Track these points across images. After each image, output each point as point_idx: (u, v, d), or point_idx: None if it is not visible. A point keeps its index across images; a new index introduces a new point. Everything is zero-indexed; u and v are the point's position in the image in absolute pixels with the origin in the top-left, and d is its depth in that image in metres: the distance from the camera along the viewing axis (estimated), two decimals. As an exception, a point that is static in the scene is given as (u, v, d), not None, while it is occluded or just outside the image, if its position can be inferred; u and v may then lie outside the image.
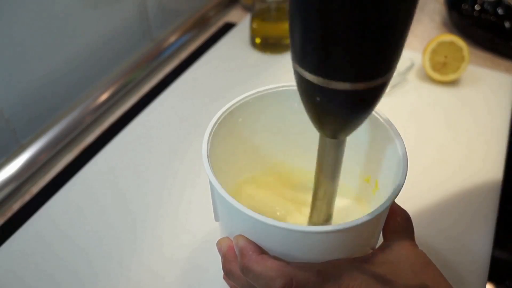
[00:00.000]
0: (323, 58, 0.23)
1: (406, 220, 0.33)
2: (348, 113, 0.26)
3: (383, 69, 0.24)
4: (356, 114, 0.27)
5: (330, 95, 0.25)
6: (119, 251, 0.45)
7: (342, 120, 0.27)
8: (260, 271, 0.29)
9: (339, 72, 0.23)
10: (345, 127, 0.28)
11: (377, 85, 0.24)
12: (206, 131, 0.34)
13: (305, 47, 0.24)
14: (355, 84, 0.24)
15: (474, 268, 0.44)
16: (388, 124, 0.34)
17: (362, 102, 0.26)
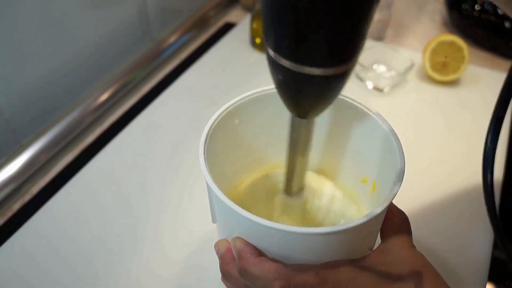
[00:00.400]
0: (297, 46, 0.25)
1: (404, 221, 0.33)
2: (318, 96, 0.28)
3: (349, 56, 0.26)
4: (325, 97, 0.29)
5: (302, 80, 0.26)
6: (119, 251, 0.45)
7: (313, 102, 0.29)
8: (258, 274, 0.29)
9: (311, 58, 0.25)
10: (315, 108, 0.30)
11: (344, 70, 0.26)
12: (203, 133, 0.34)
13: (281, 35, 0.25)
14: (325, 70, 0.26)
15: (474, 268, 0.44)
16: (385, 124, 0.34)
17: (330, 86, 0.27)
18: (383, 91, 0.65)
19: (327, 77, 0.26)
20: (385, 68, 0.69)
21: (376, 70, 0.68)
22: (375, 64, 0.69)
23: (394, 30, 0.81)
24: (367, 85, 0.66)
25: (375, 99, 0.64)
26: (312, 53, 0.25)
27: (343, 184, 0.42)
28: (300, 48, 0.25)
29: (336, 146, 0.40)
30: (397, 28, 0.82)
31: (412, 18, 0.84)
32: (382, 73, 0.67)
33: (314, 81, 0.26)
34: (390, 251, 0.31)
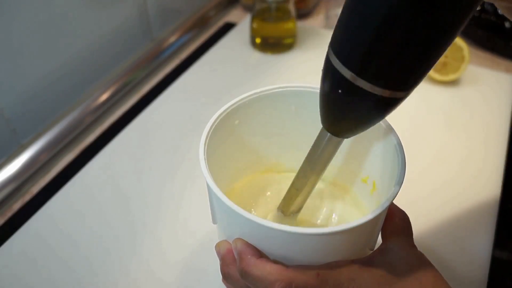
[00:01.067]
0: (363, 57, 0.24)
1: (404, 221, 0.33)
2: (364, 115, 0.27)
3: (409, 83, 0.25)
4: (370, 118, 0.28)
5: (356, 93, 0.25)
6: (119, 251, 0.45)
7: (360, 122, 0.28)
8: (259, 275, 0.29)
9: (371, 74, 0.24)
10: (357, 129, 0.29)
11: (399, 97, 0.26)
12: (203, 133, 0.34)
13: (350, 42, 0.24)
14: (383, 90, 0.25)
15: (474, 268, 0.44)
16: (386, 124, 0.34)
17: (380, 108, 0.26)
18: (383, 91, 0.65)
19: (387, 99, 0.25)
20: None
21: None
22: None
23: (394, 30, 0.81)
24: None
25: (375, 99, 0.64)
26: (391, 75, 0.24)
27: (344, 184, 0.42)
28: (382, 70, 0.24)
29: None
30: (397, 28, 0.82)
31: (412, 18, 0.84)
32: (382, 73, 0.67)
33: (374, 101, 0.25)
34: (391, 251, 0.31)
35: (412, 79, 0.25)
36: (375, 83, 0.24)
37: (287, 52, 0.73)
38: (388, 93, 0.25)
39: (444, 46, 0.24)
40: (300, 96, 0.38)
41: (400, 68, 0.24)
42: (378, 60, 0.24)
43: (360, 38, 0.24)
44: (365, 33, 0.23)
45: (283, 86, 0.37)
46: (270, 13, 0.70)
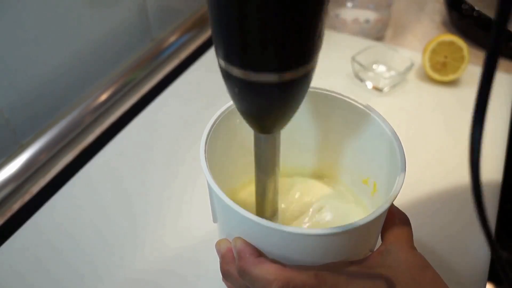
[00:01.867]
0: (245, 50, 0.23)
1: (404, 222, 0.33)
2: (277, 107, 0.26)
3: (297, 60, 0.24)
4: (285, 107, 0.26)
5: (257, 89, 0.24)
6: (119, 251, 0.45)
7: (273, 114, 0.27)
8: (257, 274, 0.29)
9: (262, 63, 0.23)
10: (276, 121, 0.28)
11: (296, 76, 0.24)
12: (204, 133, 0.34)
13: (229, 40, 0.23)
14: (279, 75, 0.23)
15: (474, 268, 0.44)
16: (387, 126, 0.34)
17: (288, 94, 0.25)
18: (383, 91, 0.65)
19: (282, 84, 0.24)
20: (384, 68, 0.69)
21: (376, 70, 0.68)
22: (374, 64, 0.69)
23: (394, 30, 0.81)
24: (366, 85, 0.66)
25: (374, 99, 0.64)
26: (263, 57, 0.23)
27: (345, 184, 0.42)
28: (249, 53, 0.23)
29: (337, 147, 0.40)
30: (397, 28, 0.82)
31: (412, 18, 0.84)
32: (381, 73, 0.67)
33: (269, 89, 0.24)
34: (390, 253, 0.31)
35: (287, 58, 0.23)
36: (253, 69, 0.23)
37: (287, 52, 0.73)
38: (272, 78, 0.24)
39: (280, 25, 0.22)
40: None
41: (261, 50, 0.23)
42: (243, 48, 0.23)
43: (225, 31, 0.24)
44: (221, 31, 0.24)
45: None
46: (270, 13, 0.70)
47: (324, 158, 0.42)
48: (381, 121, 0.35)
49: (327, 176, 0.43)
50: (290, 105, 0.26)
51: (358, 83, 0.67)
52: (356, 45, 0.71)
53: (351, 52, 0.67)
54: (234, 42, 0.23)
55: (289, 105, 0.26)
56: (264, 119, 0.27)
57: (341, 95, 0.37)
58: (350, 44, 0.73)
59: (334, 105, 0.37)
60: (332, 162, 0.42)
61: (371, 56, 0.68)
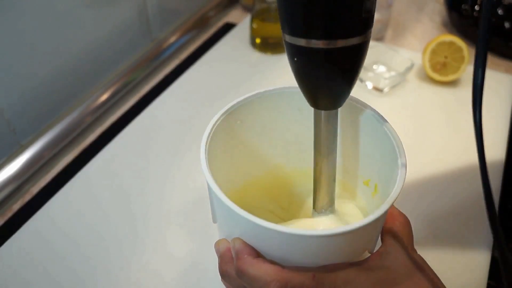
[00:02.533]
0: (300, 19, 0.26)
1: (405, 224, 0.33)
2: (334, 75, 0.28)
3: (353, 29, 0.27)
4: (336, 76, 0.28)
5: (316, 56, 0.27)
6: (119, 251, 0.45)
7: (331, 85, 0.29)
8: (255, 275, 0.29)
9: (314, 30, 0.26)
10: (334, 93, 0.30)
11: (350, 45, 0.27)
12: (205, 133, 0.34)
13: (286, 12, 0.27)
14: (328, 42, 0.26)
15: (474, 268, 0.44)
16: (388, 127, 0.34)
17: (338, 62, 0.28)
18: (383, 92, 0.65)
19: (334, 51, 0.27)
20: (385, 68, 0.69)
21: (376, 70, 0.68)
22: (375, 64, 0.69)
23: (394, 30, 0.81)
24: (366, 85, 0.66)
25: (374, 99, 0.64)
26: (325, 25, 0.26)
27: (345, 185, 0.41)
28: (311, 21, 0.26)
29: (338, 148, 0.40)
30: (397, 28, 0.82)
31: (412, 18, 0.84)
32: (382, 73, 0.67)
33: (327, 56, 0.27)
34: (389, 254, 0.31)
35: (343, 26, 0.26)
36: (314, 37, 0.26)
37: (287, 52, 0.73)
38: (326, 44, 0.27)
39: None
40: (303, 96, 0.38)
41: (329, 18, 0.26)
42: (310, 18, 0.26)
43: (289, 9, 0.27)
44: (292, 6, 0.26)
45: (286, 86, 0.37)
46: (270, 13, 0.70)
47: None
48: (382, 122, 0.34)
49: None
50: (343, 76, 0.29)
51: (358, 83, 0.67)
52: (356, 45, 0.71)
53: (351, 52, 0.67)
54: (298, 16, 0.27)
55: (342, 76, 0.29)
56: (322, 91, 0.30)
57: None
58: (350, 44, 0.73)
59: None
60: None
61: (371, 56, 0.68)
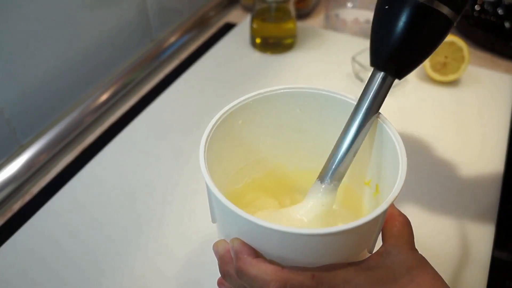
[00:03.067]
0: None
1: (405, 224, 0.33)
2: (430, 38, 0.30)
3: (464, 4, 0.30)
4: (432, 41, 0.31)
5: (432, 18, 0.29)
6: (118, 252, 0.45)
7: (421, 48, 0.31)
8: (255, 274, 0.29)
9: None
10: (417, 57, 0.32)
11: (456, 18, 0.30)
12: (204, 133, 0.34)
13: None
14: (451, 12, 0.30)
15: (474, 268, 0.44)
16: (389, 127, 0.34)
17: (442, 28, 0.30)
18: (383, 91, 0.65)
19: (448, 19, 0.29)
20: (385, 68, 0.69)
21: (376, 70, 0.68)
22: (375, 64, 0.69)
23: (394, 30, 0.81)
24: (367, 85, 0.66)
25: (375, 99, 0.64)
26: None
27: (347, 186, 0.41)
28: None
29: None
30: (397, 28, 0.82)
31: (412, 18, 0.84)
32: (382, 73, 0.67)
33: (440, 21, 0.29)
34: (389, 254, 0.31)
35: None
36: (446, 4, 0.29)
37: (287, 52, 0.73)
38: (451, 14, 0.29)
39: None
40: (305, 97, 0.38)
41: None
42: None
43: None
44: None
45: (288, 86, 0.37)
46: (270, 13, 0.70)
47: (325, 159, 0.42)
48: (383, 122, 0.34)
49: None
50: (433, 44, 0.31)
51: (358, 83, 0.67)
52: (356, 45, 0.71)
53: (351, 52, 0.67)
54: None
55: (433, 44, 0.31)
56: (410, 51, 0.31)
57: (343, 96, 0.37)
58: (350, 44, 0.73)
59: (335, 105, 0.37)
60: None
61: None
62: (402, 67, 0.32)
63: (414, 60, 0.32)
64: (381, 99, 0.33)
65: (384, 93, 0.33)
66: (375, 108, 0.33)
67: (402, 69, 0.32)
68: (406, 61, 0.32)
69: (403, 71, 0.32)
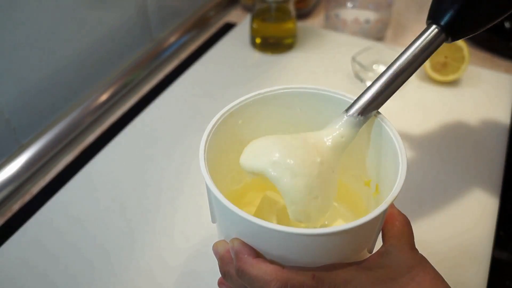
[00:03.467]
0: None
1: (405, 224, 0.33)
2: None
3: None
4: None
5: None
6: (118, 252, 0.45)
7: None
8: (256, 275, 0.29)
9: None
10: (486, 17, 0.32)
11: None
12: (204, 133, 0.34)
13: None
14: None
15: (474, 268, 0.44)
16: (389, 127, 0.34)
17: None
18: (383, 91, 0.65)
19: None
20: (385, 68, 0.69)
21: (376, 70, 0.68)
22: (375, 64, 0.69)
23: (394, 30, 0.81)
24: (366, 85, 0.66)
25: (375, 99, 0.64)
26: None
27: (347, 186, 0.41)
28: None
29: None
30: (397, 28, 0.82)
31: (412, 18, 0.84)
32: (382, 73, 0.67)
33: None
34: (390, 254, 0.31)
35: None
36: None
37: (287, 52, 0.73)
38: None
39: None
40: (305, 97, 0.38)
41: None
42: None
43: None
44: None
45: (288, 86, 0.37)
46: (270, 13, 0.70)
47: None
48: (383, 121, 0.34)
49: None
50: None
51: (358, 83, 0.67)
52: (356, 45, 0.71)
53: (351, 52, 0.67)
54: None
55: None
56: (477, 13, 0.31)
57: (343, 95, 0.37)
58: (350, 44, 0.73)
59: (335, 105, 0.37)
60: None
61: (371, 56, 0.68)
62: (462, 26, 0.31)
63: (476, 23, 0.31)
64: (428, 54, 0.32)
65: (432, 50, 0.32)
66: (420, 60, 0.32)
67: (461, 28, 0.31)
68: (469, 21, 0.31)
69: (460, 31, 0.31)
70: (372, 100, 0.33)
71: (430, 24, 0.32)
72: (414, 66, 0.33)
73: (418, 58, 0.33)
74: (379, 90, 0.33)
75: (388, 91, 0.33)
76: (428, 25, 0.33)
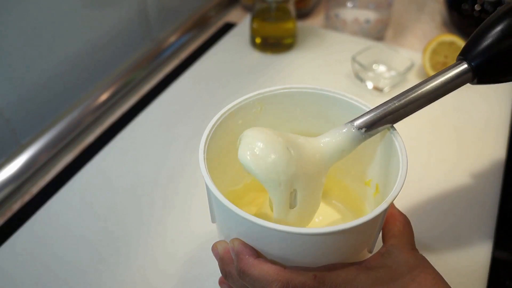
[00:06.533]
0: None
1: (405, 224, 0.33)
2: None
3: None
4: None
5: None
6: (117, 252, 0.45)
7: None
8: (257, 275, 0.29)
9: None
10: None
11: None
12: (204, 133, 0.34)
13: None
14: None
15: (474, 268, 0.44)
16: (389, 128, 0.34)
17: None
18: (383, 91, 0.65)
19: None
20: (385, 68, 0.69)
21: (376, 70, 0.68)
22: (375, 64, 0.69)
23: (394, 30, 0.81)
24: (367, 85, 0.66)
25: (375, 99, 0.64)
26: None
27: (347, 186, 0.41)
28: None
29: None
30: (397, 28, 0.82)
31: (412, 18, 0.84)
32: (382, 73, 0.67)
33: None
34: (390, 254, 0.31)
35: None
36: None
37: (287, 52, 0.73)
38: None
39: None
40: (305, 97, 0.38)
41: None
42: None
43: None
44: None
45: (288, 86, 0.37)
46: (270, 13, 0.70)
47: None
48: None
49: (328, 177, 0.43)
50: None
51: (358, 83, 0.67)
52: (356, 45, 0.71)
53: (351, 52, 0.67)
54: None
55: None
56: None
57: (343, 95, 0.37)
58: (350, 44, 0.73)
59: (335, 105, 0.37)
60: (335, 163, 0.42)
61: (371, 56, 0.68)
62: (492, 72, 0.31)
63: (506, 72, 0.32)
64: (450, 87, 0.32)
65: (456, 84, 0.32)
66: (441, 91, 0.33)
67: (490, 73, 0.31)
68: (500, 69, 0.31)
69: (488, 76, 0.32)
70: (383, 116, 0.33)
71: (461, 60, 0.32)
72: (433, 94, 0.33)
73: (440, 88, 0.33)
74: (393, 108, 0.33)
75: (402, 112, 0.33)
76: (459, 60, 0.32)
